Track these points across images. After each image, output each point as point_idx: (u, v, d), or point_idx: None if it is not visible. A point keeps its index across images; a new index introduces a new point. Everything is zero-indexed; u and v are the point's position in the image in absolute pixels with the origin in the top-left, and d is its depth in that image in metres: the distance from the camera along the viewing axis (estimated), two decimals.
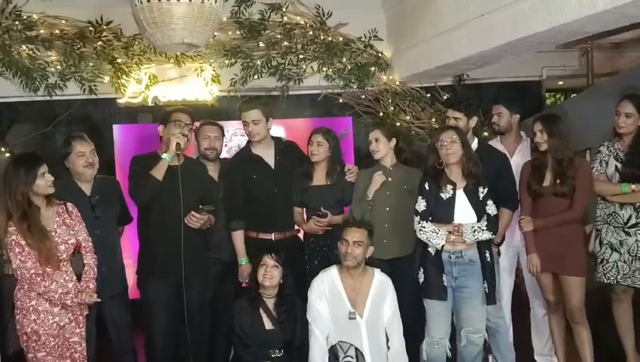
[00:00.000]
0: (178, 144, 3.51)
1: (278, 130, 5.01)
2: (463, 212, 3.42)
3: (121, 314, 3.59)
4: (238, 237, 3.83)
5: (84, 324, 3.26)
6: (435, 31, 4.53)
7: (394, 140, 3.84)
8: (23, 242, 3.05)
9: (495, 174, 3.66)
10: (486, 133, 4.72)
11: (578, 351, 3.75)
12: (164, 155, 3.50)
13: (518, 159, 4.03)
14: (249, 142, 3.97)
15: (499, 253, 3.90)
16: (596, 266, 3.78)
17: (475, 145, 3.79)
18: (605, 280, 3.74)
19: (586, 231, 3.84)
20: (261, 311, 3.55)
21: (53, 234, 3.14)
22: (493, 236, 3.42)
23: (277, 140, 4.04)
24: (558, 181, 3.63)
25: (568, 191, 3.60)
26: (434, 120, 5.29)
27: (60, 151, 3.57)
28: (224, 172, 3.95)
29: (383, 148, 3.80)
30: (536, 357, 4.20)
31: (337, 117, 5.55)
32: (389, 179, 3.80)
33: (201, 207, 3.55)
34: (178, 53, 4.78)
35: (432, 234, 3.40)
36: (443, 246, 3.40)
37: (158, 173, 3.47)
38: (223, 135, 4.07)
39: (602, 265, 3.74)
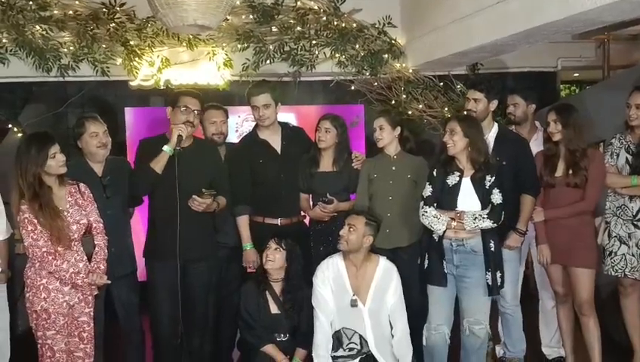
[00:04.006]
0: (180, 136, 3.47)
1: (289, 116, 5.00)
2: (467, 200, 3.39)
3: (129, 294, 3.61)
4: (243, 222, 3.82)
5: (93, 304, 3.30)
6: (449, 18, 4.48)
7: (398, 129, 3.79)
8: (36, 221, 3.07)
9: (516, 159, 3.63)
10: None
11: (586, 344, 3.73)
12: (165, 147, 3.46)
13: (533, 149, 3.97)
14: (256, 127, 3.96)
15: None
16: (604, 259, 3.75)
17: (495, 130, 3.74)
18: (613, 273, 3.72)
19: (595, 224, 3.81)
20: (267, 294, 3.58)
21: (66, 213, 3.16)
22: (495, 225, 3.36)
23: (284, 125, 4.02)
24: (570, 172, 3.60)
25: (580, 182, 3.57)
26: (446, 109, 5.25)
27: (73, 131, 3.58)
28: (230, 156, 3.94)
29: (387, 137, 3.76)
30: (543, 349, 4.20)
31: (349, 104, 5.52)
32: (393, 168, 3.78)
33: (203, 190, 3.52)
34: (190, 37, 4.78)
35: (434, 220, 3.38)
36: (445, 232, 3.38)
37: (158, 165, 3.45)
38: (227, 117, 4.06)
39: (610, 257, 3.71)
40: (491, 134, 3.73)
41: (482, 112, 3.71)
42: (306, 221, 4.06)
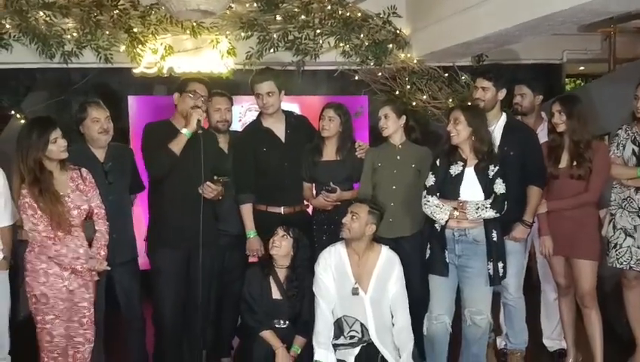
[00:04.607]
0: (199, 120, 3.48)
1: (293, 107, 4.96)
2: (470, 189, 3.38)
3: (130, 281, 3.60)
4: (247, 210, 3.81)
5: (93, 290, 3.29)
6: (454, 8, 4.46)
7: (404, 118, 3.78)
8: (35, 205, 3.07)
9: (523, 150, 3.60)
10: None
11: (587, 336, 3.72)
12: (184, 130, 3.47)
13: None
14: (260, 115, 3.94)
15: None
16: (609, 251, 3.73)
17: (503, 119, 3.70)
18: (618, 265, 3.69)
19: (600, 216, 3.79)
20: (271, 280, 3.60)
21: (67, 199, 3.15)
22: (498, 215, 3.34)
23: (288, 114, 4.00)
24: (574, 163, 3.58)
25: (584, 174, 3.56)
26: (451, 100, 5.22)
27: (76, 116, 3.57)
28: (234, 144, 3.93)
29: (392, 125, 3.75)
30: (544, 341, 4.19)
31: (353, 95, 5.50)
32: (397, 157, 3.76)
33: (216, 178, 3.54)
34: (194, 24, 4.76)
35: (436, 209, 3.37)
36: (447, 221, 3.37)
37: (176, 147, 3.45)
38: (232, 105, 4.04)
39: (615, 249, 3.69)
40: (499, 124, 3.69)
41: (490, 101, 3.66)
42: (309, 210, 4.04)
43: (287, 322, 3.57)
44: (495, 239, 3.39)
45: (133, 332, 3.70)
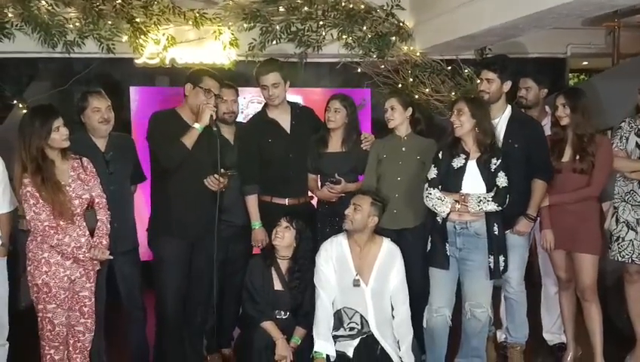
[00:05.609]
0: (211, 116, 3.48)
1: (295, 99, 4.95)
2: (472, 182, 3.37)
3: (131, 271, 3.60)
4: (252, 201, 3.81)
5: (94, 279, 3.29)
6: (459, 1, 4.44)
7: (410, 110, 3.77)
8: (37, 194, 3.06)
9: (528, 143, 3.58)
10: None
11: (587, 330, 3.72)
12: (197, 125, 3.45)
13: None
14: (265, 106, 3.93)
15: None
16: (611, 244, 3.72)
17: (508, 112, 3.68)
18: (620, 259, 3.69)
19: (603, 209, 3.78)
20: (273, 271, 3.60)
21: (68, 188, 3.15)
22: (500, 208, 3.34)
23: (293, 105, 3.99)
24: (577, 157, 3.57)
25: (587, 168, 3.54)
26: (453, 93, 5.21)
27: (77, 106, 3.56)
28: (239, 135, 3.92)
29: (398, 117, 3.74)
30: (544, 335, 4.19)
31: (355, 87, 5.48)
32: (403, 148, 3.75)
33: (223, 171, 3.54)
34: (197, 15, 4.75)
35: (438, 202, 3.36)
36: (448, 214, 3.36)
37: (189, 141, 3.44)
38: (238, 96, 4.02)
39: (617, 243, 3.68)
40: (504, 116, 3.66)
41: (495, 93, 3.62)
42: (314, 202, 4.03)
43: (288, 313, 3.58)
44: (496, 232, 3.39)
45: (133, 322, 3.70)
